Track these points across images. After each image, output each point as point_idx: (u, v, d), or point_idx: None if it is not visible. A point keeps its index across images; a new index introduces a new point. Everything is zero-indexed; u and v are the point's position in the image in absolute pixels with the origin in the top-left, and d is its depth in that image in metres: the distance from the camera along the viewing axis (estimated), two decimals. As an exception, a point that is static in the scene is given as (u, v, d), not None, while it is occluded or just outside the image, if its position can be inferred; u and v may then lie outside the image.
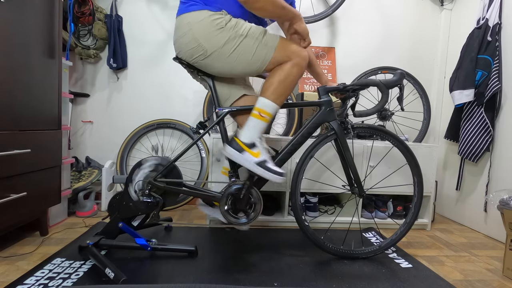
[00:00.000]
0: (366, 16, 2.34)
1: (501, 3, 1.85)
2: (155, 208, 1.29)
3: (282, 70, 1.18)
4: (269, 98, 1.17)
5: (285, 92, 1.19)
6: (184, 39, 1.17)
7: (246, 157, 1.17)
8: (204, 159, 2.13)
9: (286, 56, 1.18)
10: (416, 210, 1.45)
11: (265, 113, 1.18)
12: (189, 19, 1.15)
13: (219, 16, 1.14)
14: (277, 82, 1.17)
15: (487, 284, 1.26)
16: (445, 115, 2.34)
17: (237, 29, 1.14)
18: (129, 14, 2.16)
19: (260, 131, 1.20)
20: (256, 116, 1.18)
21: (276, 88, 1.17)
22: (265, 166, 1.16)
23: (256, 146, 1.18)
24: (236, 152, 1.18)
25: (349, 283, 1.19)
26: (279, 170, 1.17)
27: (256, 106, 1.19)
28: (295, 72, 1.18)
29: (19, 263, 1.24)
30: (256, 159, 1.16)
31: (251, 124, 1.19)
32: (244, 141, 1.18)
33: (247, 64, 1.19)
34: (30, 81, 1.34)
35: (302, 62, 1.19)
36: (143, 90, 2.22)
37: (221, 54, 1.16)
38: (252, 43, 1.16)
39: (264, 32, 1.18)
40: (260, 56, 1.17)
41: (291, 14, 1.17)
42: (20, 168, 1.30)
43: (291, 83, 1.19)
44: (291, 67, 1.18)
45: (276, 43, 1.18)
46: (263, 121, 1.18)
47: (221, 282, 1.15)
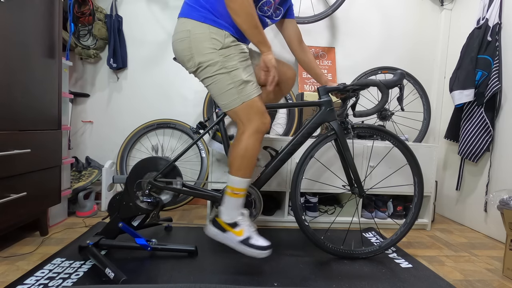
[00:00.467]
0: (366, 16, 2.34)
1: (501, 3, 1.85)
2: (155, 208, 1.29)
3: (240, 144, 1.17)
4: (236, 175, 1.17)
5: (249, 164, 1.18)
6: (181, 45, 1.18)
7: (229, 236, 1.18)
8: (204, 159, 2.13)
9: (246, 117, 1.16)
10: (417, 210, 1.45)
11: (238, 190, 1.18)
12: (190, 26, 1.15)
13: (218, 37, 1.14)
14: (239, 158, 1.16)
15: (487, 284, 1.26)
16: (445, 115, 2.34)
17: (225, 60, 1.14)
18: (129, 14, 2.16)
19: (238, 207, 1.20)
20: (230, 194, 1.18)
21: (240, 164, 1.17)
22: (248, 244, 1.16)
23: (239, 224, 1.18)
24: (220, 232, 1.19)
25: (349, 283, 1.19)
26: (264, 244, 1.16)
27: (228, 184, 1.19)
28: (252, 143, 1.16)
29: (19, 263, 1.24)
30: (239, 237, 1.17)
31: (228, 202, 1.19)
32: (226, 221, 1.19)
33: (216, 94, 1.19)
34: (30, 81, 1.34)
35: (262, 128, 1.18)
36: (143, 90, 2.22)
37: (204, 72, 1.17)
38: (228, 83, 1.15)
39: (245, 82, 1.16)
40: (226, 98, 1.17)
41: (260, 39, 1.15)
42: (20, 168, 1.30)
43: (252, 155, 1.17)
44: (248, 138, 1.16)
45: (248, 99, 1.16)
46: (239, 198, 1.19)
47: (221, 282, 1.15)
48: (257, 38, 1.16)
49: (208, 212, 1.77)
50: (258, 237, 1.19)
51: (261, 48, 1.18)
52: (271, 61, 1.18)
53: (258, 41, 1.17)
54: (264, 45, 1.17)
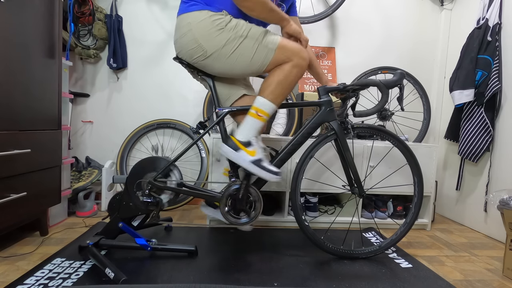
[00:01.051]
0: (366, 16, 2.34)
1: (501, 3, 1.85)
2: (155, 208, 1.29)
3: (281, 71, 1.17)
4: (267, 97, 1.17)
5: (283, 92, 1.19)
6: (184, 39, 1.17)
7: (241, 155, 1.17)
8: (204, 159, 2.13)
9: (286, 57, 1.17)
10: (416, 210, 1.45)
11: (263, 112, 1.18)
12: (189, 19, 1.15)
13: (219, 16, 1.13)
14: (276, 82, 1.17)
15: (487, 284, 1.26)
16: (445, 115, 2.34)
17: (237, 29, 1.14)
18: (129, 14, 2.16)
19: (256, 130, 1.19)
20: (253, 115, 1.18)
21: (275, 88, 1.17)
22: (260, 165, 1.16)
23: (252, 144, 1.18)
24: (232, 150, 1.18)
25: (349, 283, 1.19)
26: (275, 169, 1.17)
27: (254, 105, 1.19)
28: (294, 73, 1.18)
29: (19, 263, 1.24)
30: (252, 157, 1.16)
31: (248, 123, 1.19)
32: (240, 140, 1.18)
33: (247, 65, 1.18)
34: (30, 81, 1.34)
35: (303, 62, 1.19)
36: (143, 90, 2.22)
37: (221, 55, 1.16)
38: (252, 44, 1.15)
39: (265, 33, 1.18)
40: (260, 57, 1.17)
41: (278, 17, 1.17)
42: (20, 168, 1.30)
43: (290, 84, 1.18)
44: (291, 67, 1.17)
45: (276, 44, 1.17)
46: (260, 121, 1.18)
47: (221, 282, 1.15)
48: (277, 18, 1.17)
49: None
50: (270, 163, 1.20)
51: (282, 23, 1.19)
52: (297, 29, 1.20)
53: (278, 19, 1.18)
54: (283, 19, 1.18)
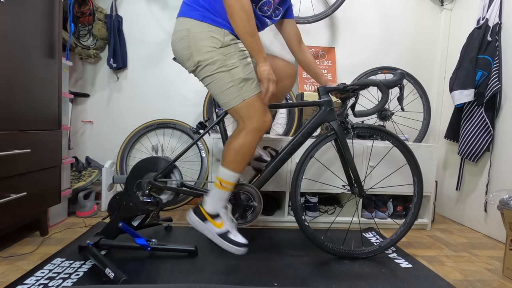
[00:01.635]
0: (366, 16, 2.34)
1: (501, 3, 1.85)
2: (155, 208, 1.29)
3: (237, 139, 1.17)
4: (228, 167, 1.17)
5: (242, 160, 1.18)
6: (180, 44, 1.17)
7: (208, 227, 1.17)
8: (204, 159, 2.13)
9: (247, 114, 1.16)
10: (416, 210, 1.45)
11: (226, 183, 1.18)
12: (189, 25, 1.14)
13: (217, 36, 1.13)
14: (233, 152, 1.16)
15: (487, 284, 1.26)
16: (445, 115, 2.34)
17: (225, 58, 1.13)
18: (129, 14, 2.16)
19: (223, 200, 1.20)
20: (218, 186, 1.18)
21: (234, 158, 1.17)
22: (226, 238, 1.16)
23: (220, 216, 1.18)
24: (199, 220, 1.18)
25: (349, 283, 1.19)
26: (241, 241, 1.17)
27: (217, 175, 1.19)
28: (249, 140, 1.16)
29: (19, 263, 1.24)
30: (218, 230, 1.17)
31: (214, 194, 1.19)
32: (208, 211, 1.18)
33: (215, 92, 1.19)
34: (30, 81, 1.34)
35: (262, 126, 1.17)
36: (143, 90, 2.22)
37: (204, 71, 1.17)
38: (228, 81, 1.14)
39: (245, 80, 1.15)
40: (227, 96, 1.16)
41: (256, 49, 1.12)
42: (20, 168, 1.30)
43: (249, 150, 1.17)
44: (246, 135, 1.16)
45: (248, 96, 1.15)
46: (226, 191, 1.18)
47: (221, 282, 1.15)
48: (252, 47, 1.13)
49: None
50: (237, 233, 1.19)
51: (256, 57, 1.15)
52: (264, 73, 1.14)
53: (253, 50, 1.14)
54: (259, 55, 1.14)
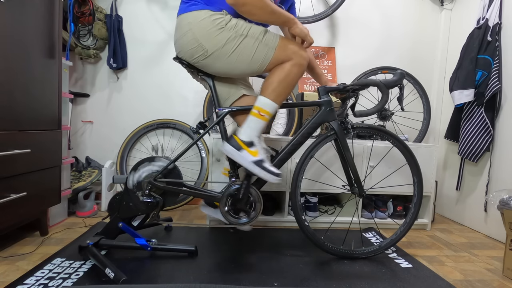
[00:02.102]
0: (366, 16, 2.34)
1: (501, 3, 1.85)
2: (155, 208, 1.29)
3: (282, 70, 1.18)
4: (269, 97, 1.17)
5: (285, 91, 1.19)
6: (185, 39, 1.17)
7: (244, 155, 1.17)
8: (204, 159, 2.13)
9: (286, 56, 1.17)
10: (416, 210, 1.45)
11: (265, 112, 1.18)
12: (189, 19, 1.15)
13: (219, 16, 1.13)
14: (277, 81, 1.17)
15: (487, 284, 1.26)
16: (445, 115, 2.34)
17: (237, 29, 1.14)
18: (129, 14, 2.16)
19: (259, 130, 1.19)
20: (255, 114, 1.18)
21: (276, 87, 1.17)
22: (262, 166, 1.16)
23: (255, 145, 1.18)
24: (234, 149, 1.18)
25: (349, 283, 1.19)
26: (276, 171, 1.17)
27: (256, 104, 1.19)
28: (295, 72, 1.18)
29: (19, 263, 1.24)
30: (254, 157, 1.16)
31: (250, 122, 1.19)
32: (243, 139, 1.18)
33: (247, 64, 1.18)
34: (30, 81, 1.34)
35: (303, 61, 1.19)
36: (143, 90, 2.22)
37: (222, 54, 1.16)
38: (252, 43, 1.15)
39: (265, 31, 1.18)
40: (260, 56, 1.17)
41: (282, 19, 1.16)
42: (20, 168, 1.30)
43: (291, 83, 1.19)
44: (291, 66, 1.17)
45: (276, 42, 1.17)
46: (263, 120, 1.18)
47: (221, 282, 1.15)
48: (281, 20, 1.16)
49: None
50: (271, 164, 1.20)
51: (287, 24, 1.18)
52: (303, 31, 1.18)
53: (282, 21, 1.16)
54: (288, 20, 1.17)
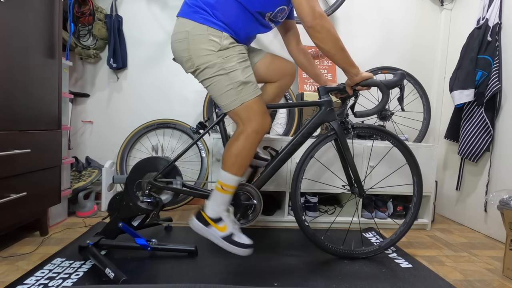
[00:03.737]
0: (366, 17, 2.34)
1: (501, 3, 1.85)
2: (155, 208, 1.29)
3: (236, 143, 1.16)
4: (229, 171, 1.17)
5: (243, 163, 1.18)
6: (179, 45, 1.17)
7: (212, 231, 1.17)
8: (204, 159, 2.13)
9: (246, 118, 1.16)
10: (416, 210, 1.45)
11: (227, 186, 1.17)
12: (188, 27, 1.14)
13: (216, 38, 1.13)
14: (234, 155, 1.16)
15: (487, 284, 1.26)
16: (445, 115, 2.34)
17: (224, 61, 1.13)
18: (129, 14, 2.16)
19: (225, 204, 1.19)
20: (219, 189, 1.18)
21: (234, 162, 1.16)
22: (231, 240, 1.16)
23: (223, 220, 1.18)
24: (202, 226, 1.18)
25: (349, 283, 1.19)
26: (246, 242, 1.16)
27: (218, 179, 1.19)
28: (249, 143, 1.16)
29: (19, 263, 1.24)
30: (222, 233, 1.16)
31: (215, 198, 1.19)
32: (210, 216, 1.18)
33: (215, 95, 1.19)
34: (30, 81, 1.34)
35: (260, 129, 1.17)
36: (143, 90, 2.22)
37: (202, 74, 1.17)
38: (227, 84, 1.14)
39: (244, 83, 1.15)
40: (227, 99, 1.16)
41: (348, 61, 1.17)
42: (20, 168, 1.30)
43: (249, 152, 1.17)
44: (246, 138, 1.16)
45: (247, 99, 1.15)
46: (227, 194, 1.18)
47: (221, 282, 1.15)
48: (347, 61, 1.17)
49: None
50: (241, 235, 1.19)
51: (352, 70, 1.19)
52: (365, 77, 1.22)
53: (348, 64, 1.18)
54: (353, 66, 1.19)
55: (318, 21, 1.08)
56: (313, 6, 1.07)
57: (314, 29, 1.09)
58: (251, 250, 1.17)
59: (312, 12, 1.07)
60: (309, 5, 1.07)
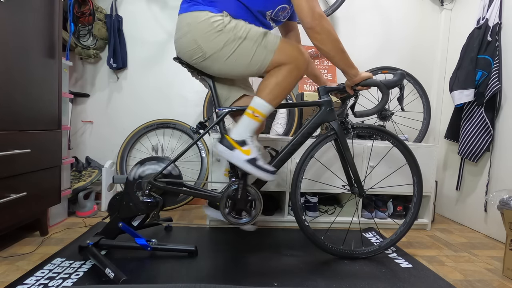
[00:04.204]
0: (366, 16, 2.34)
1: (501, 3, 1.85)
2: (155, 208, 1.29)
3: (280, 72, 1.16)
4: (265, 98, 1.16)
5: (281, 94, 1.18)
6: (184, 39, 1.17)
7: (236, 154, 1.16)
8: (204, 159, 2.13)
9: (285, 59, 1.16)
10: (416, 210, 1.45)
11: (259, 113, 1.17)
12: (189, 19, 1.14)
13: (219, 18, 1.12)
14: (274, 83, 1.16)
15: (487, 284, 1.26)
16: (445, 115, 2.34)
17: (236, 31, 1.13)
18: (129, 14, 2.16)
19: (252, 130, 1.19)
20: (249, 115, 1.17)
21: (273, 89, 1.16)
22: (255, 164, 1.16)
23: (247, 143, 1.17)
24: (227, 149, 1.17)
25: (349, 283, 1.19)
26: (270, 168, 1.17)
27: (251, 105, 1.18)
28: (293, 75, 1.17)
29: (19, 263, 1.24)
30: (246, 156, 1.16)
31: (243, 122, 1.18)
32: (235, 139, 1.17)
33: (245, 66, 1.18)
34: (30, 81, 1.34)
35: (302, 65, 1.18)
36: (143, 90, 2.22)
37: (220, 56, 1.15)
38: (251, 46, 1.14)
39: (264, 34, 1.16)
40: (259, 59, 1.16)
41: (348, 62, 1.17)
42: (20, 168, 1.30)
43: (288, 86, 1.18)
44: (290, 69, 1.16)
45: (275, 45, 1.16)
46: (256, 121, 1.18)
47: (221, 282, 1.15)
48: (346, 63, 1.17)
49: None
50: (264, 162, 1.19)
51: (351, 71, 1.20)
52: (364, 77, 1.22)
53: (348, 65, 1.18)
54: (352, 67, 1.19)
55: (318, 22, 1.08)
56: (313, 7, 1.07)
57: (314, 30, 1.09)
58: (274, 176, 1.18)
59: (312, 13, 1.07)
60: (309, 5, 1.07)
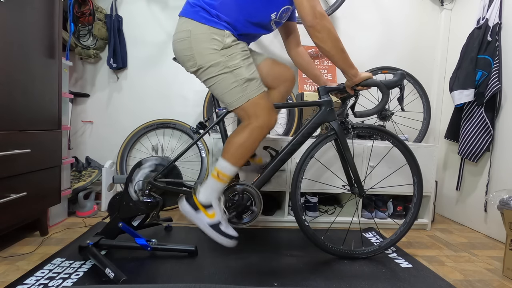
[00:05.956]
0: (366, 16, 2.34)
1: (501, 3, 1.85)
2: (155, 208, 1.29)
3: (242, 133, 1.16)
4: (229, 160, 1.16)
5: (244, 155, 1.17)
6: (181, 44, 1.17)
7: (200, 217, 1.16)
8: (204, 159, 2.13)
9: (252, 113, 1.15)
10: (416, 210, 1.45)
11: (223, 175, 1.17)
12: (191, 26, 1.14)
13: (219, 37, 1.12)
14: (236, 145, 1.16)
15: (487, 284, 1.26)
16: (445, 115, 2.34)
17: (227, 59, 1.13)
18: (129, 14, 2.16)
19: (218, 192, 1.19)
20: (214, 176, 1.17)
21: (235, 151, 1.16)
22: (217, 229, 1.15)
23: (212, 207, 1.17)
24: (192, 209, 1.17)
25: (349, 283, 1.19)
26: (232, 234, 1.16)
27: (216, 166, 1.18)
28: (254, 136, 1.16)
29: (19, 263, 1.24)
30: (210, 220, 1.15)
31: (209, 184, 1.18)
32: (201, 201, 1.17)
33: (220, 93, 1.18)
34: (30, 81, 1.34)
35: (266, 125, 1.16)
36: (143, 90, 2.22)
37: (207, 73, 1.16)
38: (232, 81, 1.14)
39: (249, 80, 1.15)
40: (232, 96, 1.15)
41: (348, 62, 1.17)
42: (20, 168, 1.30)
43: (251, 145, 1.17)
44: (251, 130, 1.15)
45: (253, 96, 1.15)
46: (222, 183, 1.18)
47: (221, 282, 1.15)
48: (346, 62, 1.17)
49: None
50: (228, 225, 1.18)
51: (350, 71, 1.19)
52: (364, 77, 1.22)
53: (348, 65, 1.18)
54: (352, 67, 1.19)
55: (319, 21, 1.08)
56: (314, 6, 1.07)
57: (315, 28, 1.09)
58: (235, 242, 1.17)
59: (313, 12, 1.07)
60: (310, 4, 1.07)
